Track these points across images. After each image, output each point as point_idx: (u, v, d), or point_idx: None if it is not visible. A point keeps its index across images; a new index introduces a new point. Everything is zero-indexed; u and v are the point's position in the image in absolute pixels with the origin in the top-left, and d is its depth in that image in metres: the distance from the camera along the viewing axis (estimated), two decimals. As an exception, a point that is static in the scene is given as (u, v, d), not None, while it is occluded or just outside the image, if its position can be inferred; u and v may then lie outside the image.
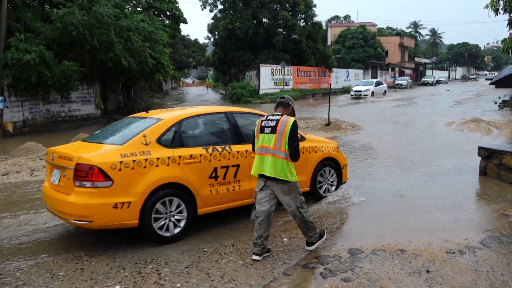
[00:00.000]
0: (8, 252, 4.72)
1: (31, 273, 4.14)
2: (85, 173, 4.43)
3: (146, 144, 4.79)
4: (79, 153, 4.65)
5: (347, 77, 48.32)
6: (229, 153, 5.28)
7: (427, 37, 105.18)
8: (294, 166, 4.42)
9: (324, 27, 59.05)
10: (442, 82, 65.09)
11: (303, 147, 5.83)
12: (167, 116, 5.30)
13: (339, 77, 45.99)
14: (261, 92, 33.77)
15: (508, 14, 13.63)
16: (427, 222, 5.44)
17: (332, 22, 74.54)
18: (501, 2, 13.40)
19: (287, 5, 37.66)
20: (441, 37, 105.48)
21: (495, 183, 7.31)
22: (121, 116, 24.24)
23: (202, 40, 67.92)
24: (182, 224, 4.90)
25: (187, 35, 75.13)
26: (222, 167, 5.21)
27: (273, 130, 4.23)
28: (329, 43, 60.05)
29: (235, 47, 36.85)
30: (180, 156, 4.91)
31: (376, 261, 4.21)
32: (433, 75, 68.93)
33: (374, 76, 55.86)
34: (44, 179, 5.47)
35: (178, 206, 4.88)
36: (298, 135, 4.75)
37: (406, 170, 8.60)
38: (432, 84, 59.78)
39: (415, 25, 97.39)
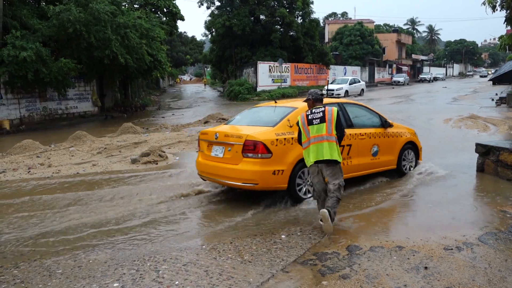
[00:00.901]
0: (8, 253, 4.71)
1: (29, 271, 4.13)
2: (252, 147, 5.76)
3: (290, 126, 6.10)
4: (245, 132, 6.00)
5: (345, 74, 48.27)
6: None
7: (424, 34, 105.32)
8: (386, 148, 6.94)
9: (322, 24, 59.02)
10: (440, 79, 65.19)
11: (393, 132, 7.40)
12: (299, 105, 6.53)
13: (336, 74, 45.99)
14: (258, 89, 33.75)
15: (505, 11, 13.64)
16: (425, 218, 5.45)
17: (330, 19, 74.47)
18: (498, -1, 13.40)
19: (285, 2, 37.62)
20: (438, 34, 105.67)
21: (493, 179, 7.33)
22: (119, 114, 24.32)
23: (199, 37, 67.71)
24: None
25: (184, 32, 75.06)
26: (340, 146, 6.14)
27: (322, 120, 4.95)
28: (326, 40, 59.99)
29: (233, 44, 36.78)
30: None
31: (374, 258, 4.22)
32: (430, 72, 69.02)
33: (371, 73, 55.83)
34: (198, 155, 6.84)
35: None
36: (389, 121, 7.15)
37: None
38: (429, 81, 59.82)
39: (413, 22, 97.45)
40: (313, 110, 5.05)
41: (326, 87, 32.00)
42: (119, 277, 3.94)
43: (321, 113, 4.97)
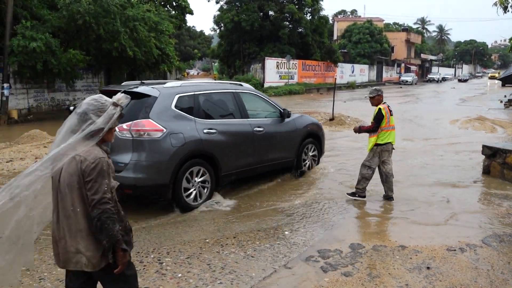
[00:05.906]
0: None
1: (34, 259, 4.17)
2: None
3: None
4: None
5: (352, 72, 48.14)
6: None
7: (434, 34, 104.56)
8: None
9: (331, 21, 58.74)
10: (448, 79, 64.74)
11: None
12: None
13: (344, 72, 45.82)
14: (265, 85, 33.67)
15: (517, 12, 13.49)
16: (429, 219, 5.44)
17: (339, 17, 74.11)
18: (510, 0, 13.29)
19: (294, -2, 37.47)
20: (448, 34, 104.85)
21: (498, 182, 7.29)
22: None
23: (207, 32, 68.05)
24: None
25: (193, 26, 74.90)
26: None
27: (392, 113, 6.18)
28: (335, 37, 59.73)
29: (241, 39, 36.71)
30: None
31: (376, 257, 4.23)
32: (439, 72, 68.52)
33: (379, 72, 55.51)
34: None
35: None
36: None
37: (410, 167, 8.59)
38: (437, 81, 59.43)
39: (423, 21, 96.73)
40: (389, 105, 6.10)
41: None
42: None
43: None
